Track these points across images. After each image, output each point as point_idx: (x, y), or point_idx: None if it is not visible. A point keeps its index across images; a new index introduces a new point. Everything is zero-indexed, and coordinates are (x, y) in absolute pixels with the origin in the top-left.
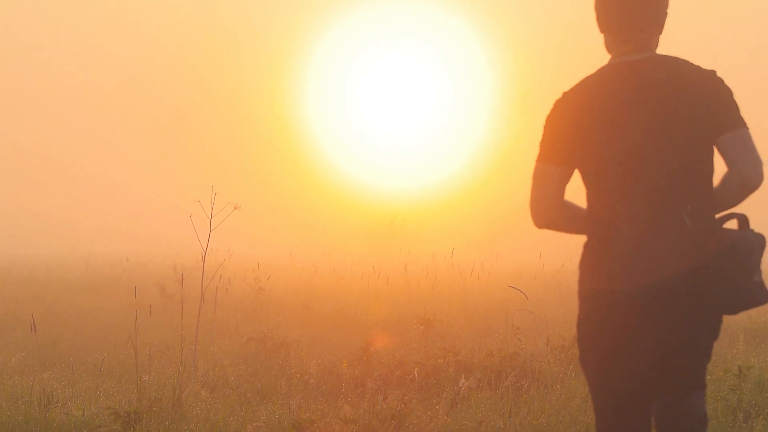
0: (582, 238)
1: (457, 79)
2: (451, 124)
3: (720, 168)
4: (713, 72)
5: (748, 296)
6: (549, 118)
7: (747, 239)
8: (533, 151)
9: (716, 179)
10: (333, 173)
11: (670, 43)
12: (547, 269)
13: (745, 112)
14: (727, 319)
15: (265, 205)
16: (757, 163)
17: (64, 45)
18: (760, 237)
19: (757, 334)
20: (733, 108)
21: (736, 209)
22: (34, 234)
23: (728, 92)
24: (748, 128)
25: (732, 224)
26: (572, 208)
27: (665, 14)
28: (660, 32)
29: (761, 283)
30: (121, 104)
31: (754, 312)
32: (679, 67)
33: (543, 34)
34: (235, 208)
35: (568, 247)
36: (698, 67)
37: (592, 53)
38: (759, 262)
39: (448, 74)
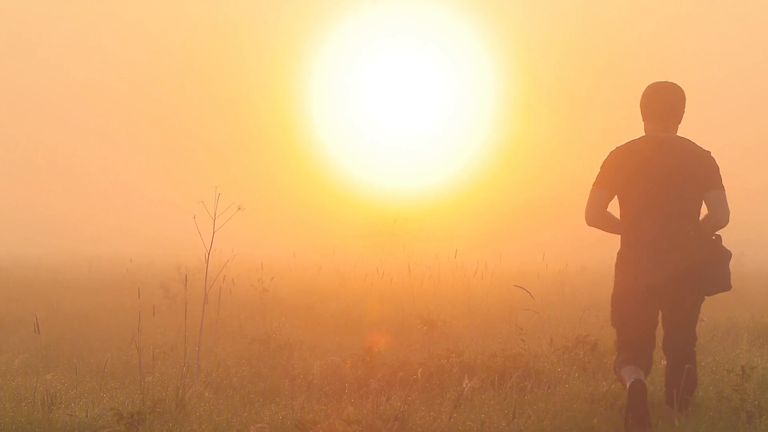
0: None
1: (461, 77)
2: (455, 124)
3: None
4: (708, 152)
5: (724, 283)
6: (606, 161)
7: (725, 249)
8: (536, 151)
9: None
10: (336, 173)
11: (679, 46)
12: (551, 269)
13: (746, 114)
14: (731, 319)
15: (269, 206)
16: (727, 212)
17: (67, 44)
18: (728, 250)
19: (761, 335)
20: (716, 176)
21: None
22: (37, 234)
23: (715, 166)
24: (724, 189)
25: None
26: (610, 216)
27: (683, 112)
28: (679, 122)
29: (729, 275)
30: (124, 104)
31: (757, 312)
32: (687, 144)
33: (547, 36)
34: (239, 209)
35: (571, 247)
36: (699, 147)
37: (593, 55)
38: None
39: (452, 73)
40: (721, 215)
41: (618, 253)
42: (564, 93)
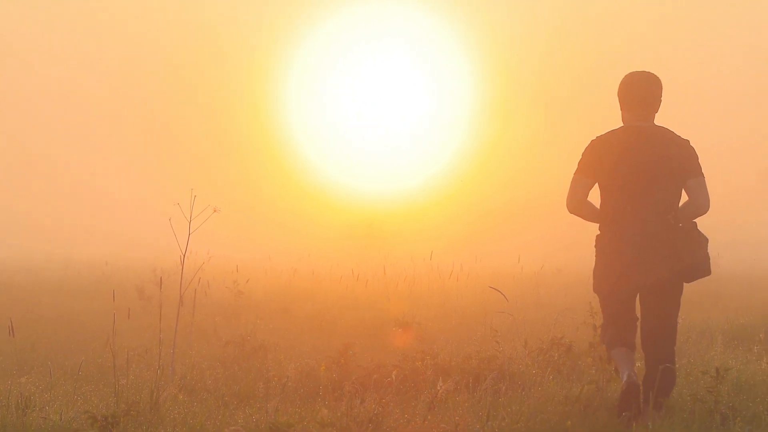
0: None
1: (438, 80)
2: (432, 127)
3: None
4: (687, 140)
5: (704, 269)
6: (586, 149)
7: (702, 235)
8: (514, 153)
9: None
10: (313, 175)
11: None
12: (526, 272)
13: (724, 115)
14: (705, 321)
15: (245, 208)
16: (707, 199)
17: (41, 44)
18: (705, 236)
19: (736, 336)
20: (696, 163)
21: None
22: (12, 236)
23: (695, 153)
24: (704, 177)
25: None
26: (590, 205)
27: (660, 101)
28: (656, 111)
29: (708, 260)
30: (99, 105)
31: (732, 314)
32: (666, 133)
33: (526, 37)
34: (215, 211)
35: (551, 249)
36: (678, 135)
37: (574, 57)
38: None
39: (429, 75)
40: (701, 201)
41: (597, 238)
42: (543, 95)
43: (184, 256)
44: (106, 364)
